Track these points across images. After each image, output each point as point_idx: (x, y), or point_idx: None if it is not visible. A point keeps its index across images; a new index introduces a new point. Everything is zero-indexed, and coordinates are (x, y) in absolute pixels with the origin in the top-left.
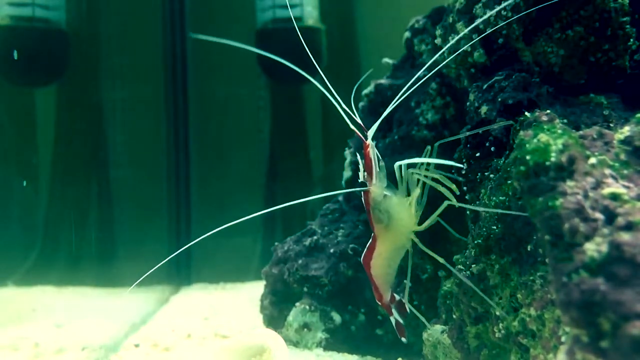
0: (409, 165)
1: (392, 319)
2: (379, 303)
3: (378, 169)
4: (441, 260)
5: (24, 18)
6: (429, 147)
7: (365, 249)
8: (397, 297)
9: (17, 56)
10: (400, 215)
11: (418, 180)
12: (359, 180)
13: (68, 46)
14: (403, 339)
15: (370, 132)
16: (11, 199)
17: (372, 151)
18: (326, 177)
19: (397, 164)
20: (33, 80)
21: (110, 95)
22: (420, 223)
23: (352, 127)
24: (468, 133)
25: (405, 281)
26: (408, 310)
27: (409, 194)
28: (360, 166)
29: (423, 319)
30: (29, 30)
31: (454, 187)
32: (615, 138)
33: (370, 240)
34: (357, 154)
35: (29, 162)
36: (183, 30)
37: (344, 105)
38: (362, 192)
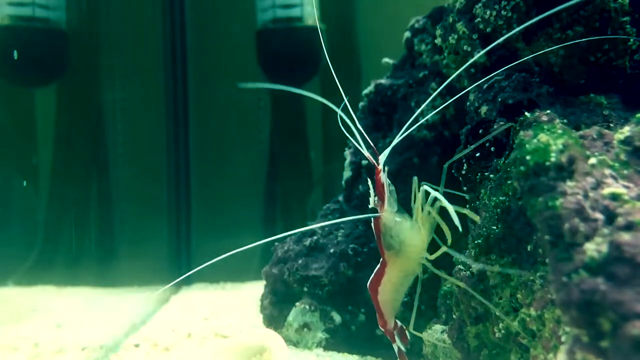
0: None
1: (394, 346)
2: (382, 329)
3: (389, 194)
4: (451, 279)
5: (24, 18)
6: (415, 178)
7: (373, 274)
8: (399, 323)
9: (17, 56)
10: (412, 242)
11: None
12: (370, 206)
13: (68, 46)
14: None
15: (382, 157)
16: (11, 199)
17: (384, 176)
18: (326, 177)
19: (421, 191)
20: (33, 80)
21: (110, 95)
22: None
23: (365, 153)
24: (472, 147)
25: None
26: (409, 337)
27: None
28: (371, 191)
29: (416, 333)
30: (29, 30)
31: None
32: (615, 138)
33: (379, 265)
34: (369, 180)
35: (29, 162)
36: (183, 30)
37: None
38: (373, 218)
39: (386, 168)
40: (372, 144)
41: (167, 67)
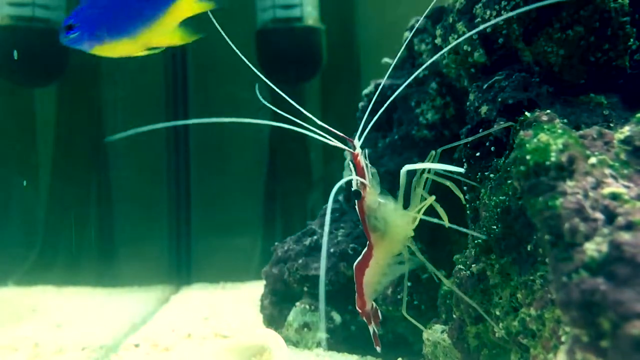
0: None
1: (370, 327)
2: (359, 311)
3: (370, 176)
4: (446, 281)
5: (24, 18)
6: (432, 152)
7: (360, 257)
8: (374, 305)
9: (17, 56)
10: (396, 222)
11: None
12: (352, 189)
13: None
14: (378, 348)
15: (357, 141)
16: (11, 199)
17: (362, 159)
18: (326, 177)
19: (404, 169)
20: (33, 80)
21: (110, 95)
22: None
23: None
24: (471, 138)
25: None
26: (381, 318)
27: (406, 199)
28: (353, 175)
29: (418, 324)
30: (29, 30)
31: (461, 195)
32: (615, 138)
33: (366, 249)
34: (350, 164)
35: (29, 162)
36: None
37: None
38: (357, 201)
39: (365, 150)
40: (340, 134)
41: (167, 66)
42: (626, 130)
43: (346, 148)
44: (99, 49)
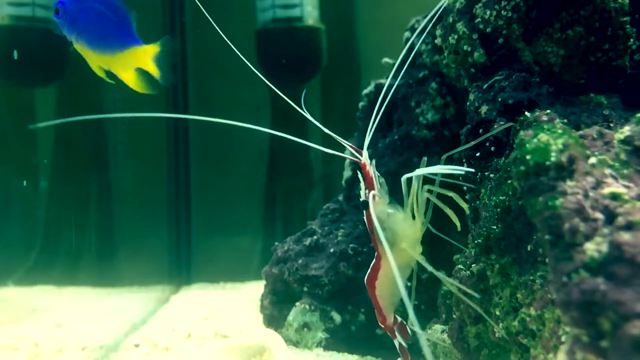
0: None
1: (395, 342)
2: (382, 326)
3: (379, 186)
4: (452, 285)
5: (24, 18)
6: (424, 158)
7: (370, 269)
8: (399, 319)
9: (17, 56)
10: (405, 233)
11: (427, 199)
12: (361, 200)
13: (68, 46)
14: None
15: (365, 152)
16: (11, 199)
17: (372, 169)
18: (326, 177)
19: (404, 177)
20: (33, 80)
21: (110, 95)
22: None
23: (350, 148)
24: (473, 142)
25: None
26: (410, 332)
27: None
28: (362, 184)
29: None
30: (29, 30)
31: (465, 206)
32: (615, 138)
33: (374, 260)
34: (358, 172)
35: (29, 162)
36: (183, 29)
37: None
38: (365, 211)
39: (373, 161)
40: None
41: None
42: (626, 130)
43: (354, 159)
44: (74, 43)
